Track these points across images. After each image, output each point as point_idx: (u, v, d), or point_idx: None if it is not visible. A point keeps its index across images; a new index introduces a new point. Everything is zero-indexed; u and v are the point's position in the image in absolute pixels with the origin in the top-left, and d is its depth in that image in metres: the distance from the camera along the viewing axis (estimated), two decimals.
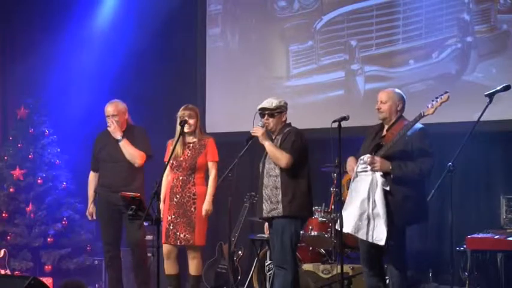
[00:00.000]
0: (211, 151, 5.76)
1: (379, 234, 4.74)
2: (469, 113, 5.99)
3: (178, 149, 5.63)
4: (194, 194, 5.66)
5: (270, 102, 5.17)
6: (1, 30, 8.68)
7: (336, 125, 4.80)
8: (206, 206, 5.68)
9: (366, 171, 4.82)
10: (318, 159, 6.77)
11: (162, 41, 8.14)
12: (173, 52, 8.17)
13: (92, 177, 6.34)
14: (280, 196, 5.03)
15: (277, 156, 5.04)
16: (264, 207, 5.12)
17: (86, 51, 8.17)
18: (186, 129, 5.65)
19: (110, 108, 6.13)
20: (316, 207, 6.56)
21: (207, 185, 5.77)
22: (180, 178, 5.68)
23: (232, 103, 7.79)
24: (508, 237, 5.60)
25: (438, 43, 6.76)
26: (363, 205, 4.80)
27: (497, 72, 6.45)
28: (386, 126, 5.01)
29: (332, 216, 6.23)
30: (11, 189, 7.59)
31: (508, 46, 6.44)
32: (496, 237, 5.65)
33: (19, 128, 7.84)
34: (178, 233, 5.65)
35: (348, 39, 7.29)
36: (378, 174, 4.77)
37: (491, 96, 4.63)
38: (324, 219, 6.32)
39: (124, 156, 6.08)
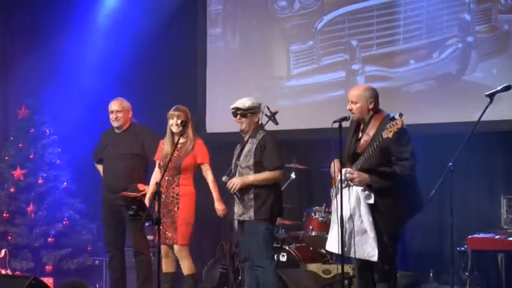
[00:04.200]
0: (201, 153, 5.71)
1: (371, 251, 4.64)
2: (469, 113, 6.00)
3: (169, 149, 5.64)
4: (177, 195, 5.64)
5: (243, 103, 5.24)
6: (2, 30, 8.69)
7: (336, 125, 4.76)
8: (218, 206, 5.64)
9: (348, 186, 4.70)
10: (318, 159, 6.78)
11: (162, 41, 8.14)
12: (174, 52, 8.17)
13: (100, 167, 6.35)
14: (252, 202, 5.14)
15: (270, 179, 5.15)
16: (236, 209, 5.20)
17: (87, 51, 8.16)
18: (175, 130, 5.65)
19: (114, 104, 6.17)
20: (317, 207, 6.58)
21: (192, 185, 5.74)
22: (166, 178, 5.64)
23: (232, 103, 7.78)
24: (509, 237, 5.60)
25: (439, 43, 6.77)
26: (349, 223, 4.68)
27: (498, 72, 6.46)
28: (362, 125, 4.85)
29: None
30: (12, 190, 7.59)
31: (509, 46, 6.45)
32: (496, 237, 5.66)
33: (20, 128, 7.84)
34: (166, 233, 5.64)
35: (349, 39, 7.29)
36: (359, 189, 4.66)
37: (491, 96, 4.61)
38: (325, 220, 6.32)
39: (124, 154, 6.09)
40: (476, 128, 4.55)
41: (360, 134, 4.82)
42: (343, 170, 4.71)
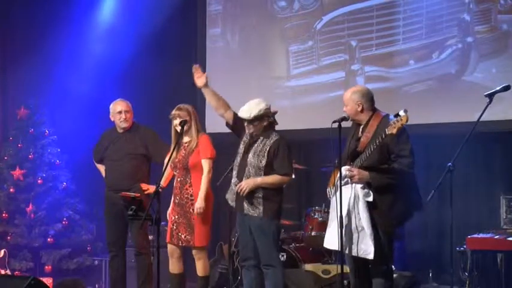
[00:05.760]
0: (204, 148, 5.63)
1: (367, 248, 4.63)
2: (469, 113, 6.00)
3: (175, 150, 5.61)
4: (191, 195, 5.59)
5: (250, 112, 5.10)
6: (1, 30, 8.69)
7: (336, 125, 4.76)
8: (198, 203, 5.52)
9: (347, 183, 4.69)
10: (318, 159, 6.78)
11: (162, 41, 8.14)
12: (173, 52, 8.17)
13: (100, 166, 6.34)
14: (260, 200, 5.08)
15: (277, 184, 5.12)
16: (245, 205, 5.13)
17: (86, 51, 8.17)
18: (179, 130, 5.62)
19: (121, 105, 6.15)
20: (316, 207, 6.58)
21: None
22: (179, 179, 5.65)
23: (232, 103, 7.76)
24: (508, 237, 5.60)
25: (438, 43, 6.77)
26: (346, 220, 4.67)
27: (498, 72, 6.47)
28: (361, 125, 4.85)
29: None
30: (11, 190, 7.59)
31: (508, 46, 6.45)
32: (496, 237, 5.66)
33: (19, 128, 7.84)
34: (180, 234, 5.63)
35: (348, 40, 7.30)
36: (358, 187, 4.66)
37: (491, 96, 4.62)
38: (324, 219, 6.32)
39: (127, 154, 6.09)
40: (476, 128, 4.55)
41: (360, 134, 4.82)
42: (343, 168, 4.72)
